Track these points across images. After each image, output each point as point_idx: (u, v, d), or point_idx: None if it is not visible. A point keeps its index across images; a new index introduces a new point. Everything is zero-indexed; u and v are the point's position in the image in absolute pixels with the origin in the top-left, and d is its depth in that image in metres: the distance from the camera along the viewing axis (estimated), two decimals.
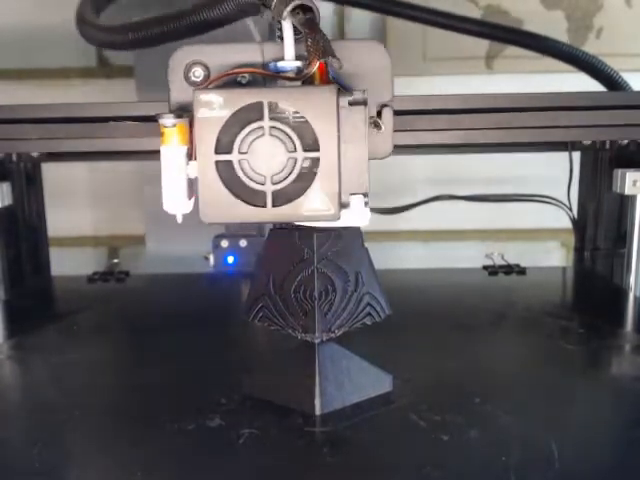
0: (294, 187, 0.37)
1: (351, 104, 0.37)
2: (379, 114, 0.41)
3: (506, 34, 0.85)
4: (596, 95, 0.59)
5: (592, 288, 0.76)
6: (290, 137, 0.37)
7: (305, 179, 0.37)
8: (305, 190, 0.37)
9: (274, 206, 0.37)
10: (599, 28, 0.98)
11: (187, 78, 0.41)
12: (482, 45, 0.99)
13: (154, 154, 0.69)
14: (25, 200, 0.78)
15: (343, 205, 0.38)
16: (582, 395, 0.48)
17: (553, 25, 0.97)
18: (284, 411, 0.43)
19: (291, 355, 0.46)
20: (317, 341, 0.43)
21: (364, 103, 0.37)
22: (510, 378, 0.50)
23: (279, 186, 0.37)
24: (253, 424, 0.42)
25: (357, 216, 0.39)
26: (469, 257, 1.06)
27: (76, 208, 1.07)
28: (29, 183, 0.78)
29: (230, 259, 0.81)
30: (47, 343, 0.59)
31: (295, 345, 0.45)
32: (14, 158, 0.72)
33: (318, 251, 0.43)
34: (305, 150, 0.37)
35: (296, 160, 0.37)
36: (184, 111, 0.39)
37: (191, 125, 0.39)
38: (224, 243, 0.81)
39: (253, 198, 0.38)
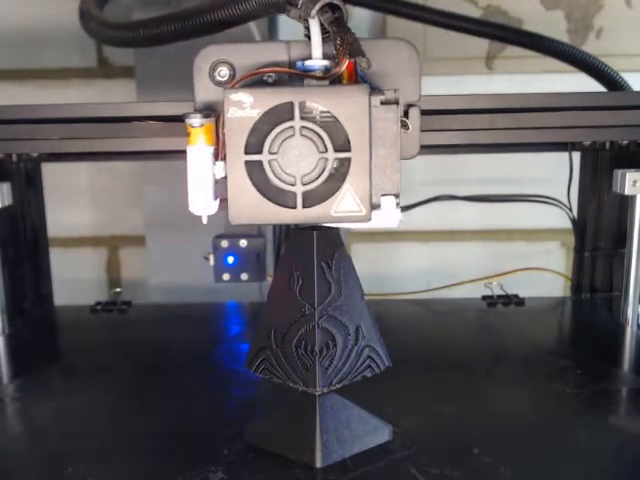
0: (324, 188, 0.37)
1: (383, 103, 0.37)
2: (406, 114, 0.41)
3: (506, 33, 0.85)
4: (596, 95, 0.59)
5: (590, 322, 0.75)
6: (321, 137, 0.36)
7: (336, 179, 0.37)
8: (336, 191, 0.37)
9: (304, 207, 0.37)
10: (599, 28, 0.98)
11: (212, 77, 0.40)
12: (482, 45, 0.99)
13: (155, 154, 0.69)
14: (25, 200, 0.76)
15: (374, 206, 0.37)
16: (582, 444, 0.47)
17: (553, 25, 0.97)
18: (285, 463, 0.43)
19: (292, 405, 0.46)
20: (318, 394, 0.43)
21: (396, 102, 0.37)
22: (509, 426, 0.49)
23: (309, 187, 0.37)
24: (255, 477, 0.42)
25: (388, 217, 0.38)
26: (469, 258, 1.07)
27: (76, 208, 1.06)
28: (29, 183, 0.77)
29: (230, 259, 0.81)
30: (50, 384, 0.59)
31: (296, 394, 0.44)
32: (14, 158, 0.71)
33: (319, 307, 0.42)
34: (336, 150, 0.36)
35: (327, 160, 0.37)
36: (210, 111, 0.39)
37: (217, 125, 0.38)
38: (224, 243, 0.80)
39: (283, 199, 0.37)
